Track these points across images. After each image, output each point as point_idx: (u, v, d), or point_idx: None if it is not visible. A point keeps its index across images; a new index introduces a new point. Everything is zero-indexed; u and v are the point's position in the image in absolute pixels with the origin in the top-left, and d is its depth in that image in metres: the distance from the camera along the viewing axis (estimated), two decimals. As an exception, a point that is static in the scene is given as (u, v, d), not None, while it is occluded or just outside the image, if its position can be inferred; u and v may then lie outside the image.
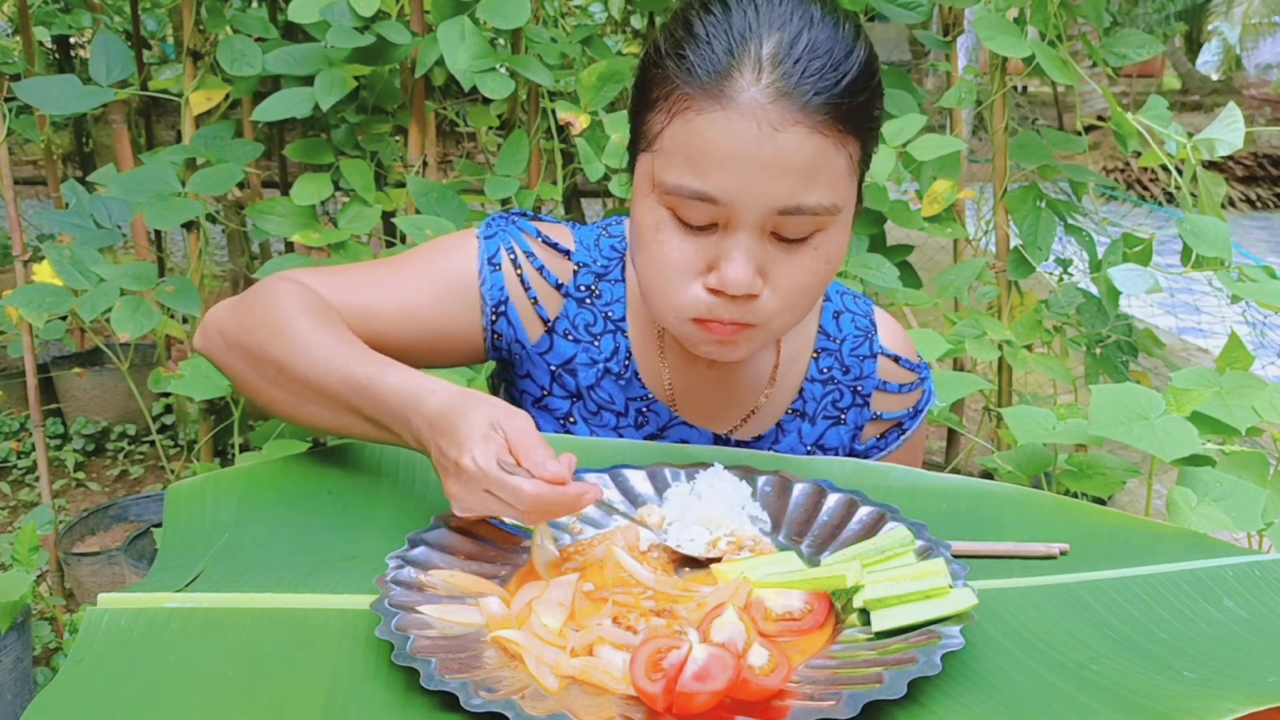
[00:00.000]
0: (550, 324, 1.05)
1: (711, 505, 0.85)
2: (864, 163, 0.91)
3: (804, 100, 0.82)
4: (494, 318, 1.03)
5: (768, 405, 1.09)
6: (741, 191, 0.83)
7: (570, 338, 1.05)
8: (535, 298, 1.04)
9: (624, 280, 1.06)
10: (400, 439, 0.84)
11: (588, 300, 1.05)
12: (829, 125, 0.84)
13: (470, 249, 1.03)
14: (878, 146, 0.94)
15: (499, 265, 1.03)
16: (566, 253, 1.06)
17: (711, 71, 0.84)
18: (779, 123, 0.82)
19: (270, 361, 0.90)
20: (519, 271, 1.03)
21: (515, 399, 1.10)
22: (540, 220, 1.09)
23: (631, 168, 0.94)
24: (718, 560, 0.82)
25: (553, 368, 1.06)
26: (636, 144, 0.92)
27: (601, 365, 1.05)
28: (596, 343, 1.05)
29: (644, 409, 1.06)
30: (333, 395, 0.87)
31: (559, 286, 1.05)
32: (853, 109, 0.85)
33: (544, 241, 1.05)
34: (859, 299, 1.15)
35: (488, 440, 0.75)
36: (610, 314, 1.06)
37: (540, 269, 1.04)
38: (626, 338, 1.06)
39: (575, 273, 1.05)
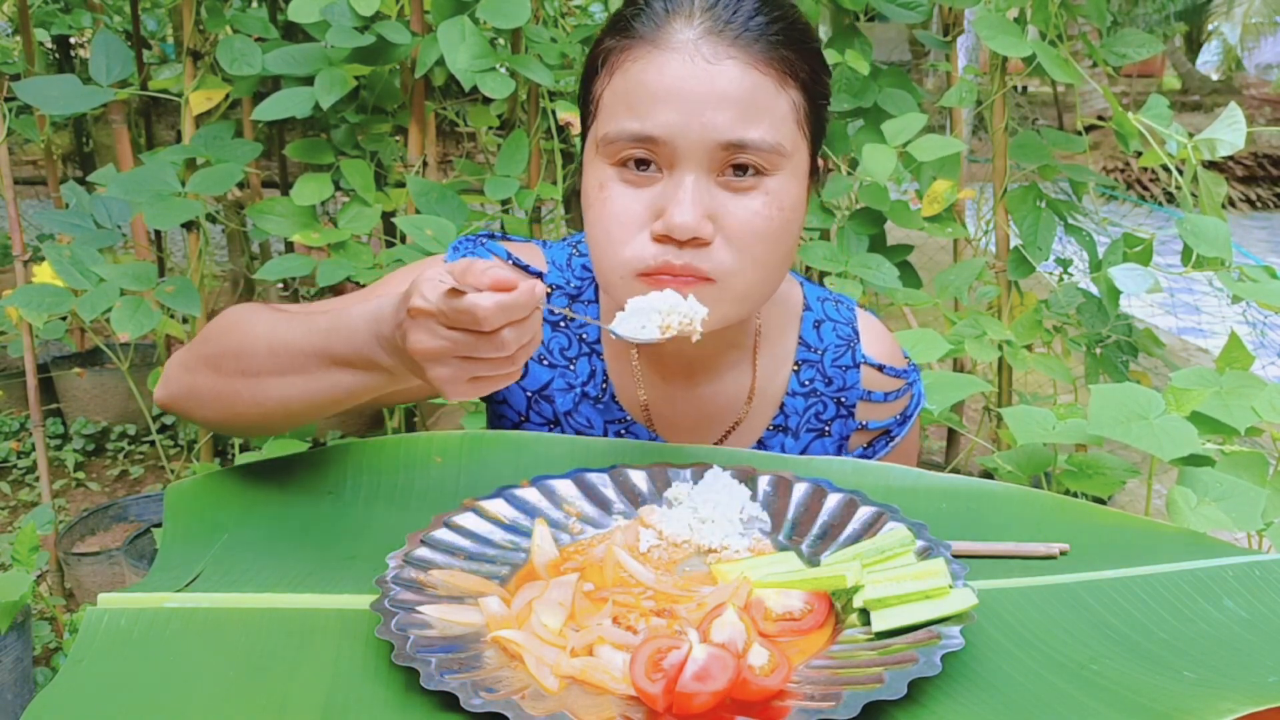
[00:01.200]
0: None
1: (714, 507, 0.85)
2: (814, 124, 0.92)
3: (735, 34, 0.86)
4: None
5: (748, 421, 1.07)
6: (681, 126, 0.85)
7: (545, 363, 1.04)
8: None
9: (598, 301, 1.05)
10: (375, 361, 0.80)
11: (562, 323, 1.04)
12: (764, 63, 0.86)
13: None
14: (828, 106, 0.95)
15: None
16: (538, 275, 1.04)
17: (649, 24, 0.88)
18: (712, 56, 0.85)
19: (230, 355, 0.88)
20: None
21: (494, 420, 1.09)
22: (510, 240, 1.07)
23: (583, 139, 0.95)
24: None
25: (529, 393, 1.04)
26: (585, 120, 0.94)
27: (579, 389, 1.04)
28: (572, 366, 1.04)
29: (622, 431, 1.05)
30: (300, 355, 0.83)
31: None
32: (789, 55, 0.88)
33: (515, 264, 1.04)
34: (841, 304, 1.12)
35: (433, 280, 0.73)
36: (585, 336, 1.04)
37: None
38: (602, 360, 1.04)
39: (548, 295, 1.04)
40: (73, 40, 4.85)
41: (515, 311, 0.72)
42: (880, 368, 1.10)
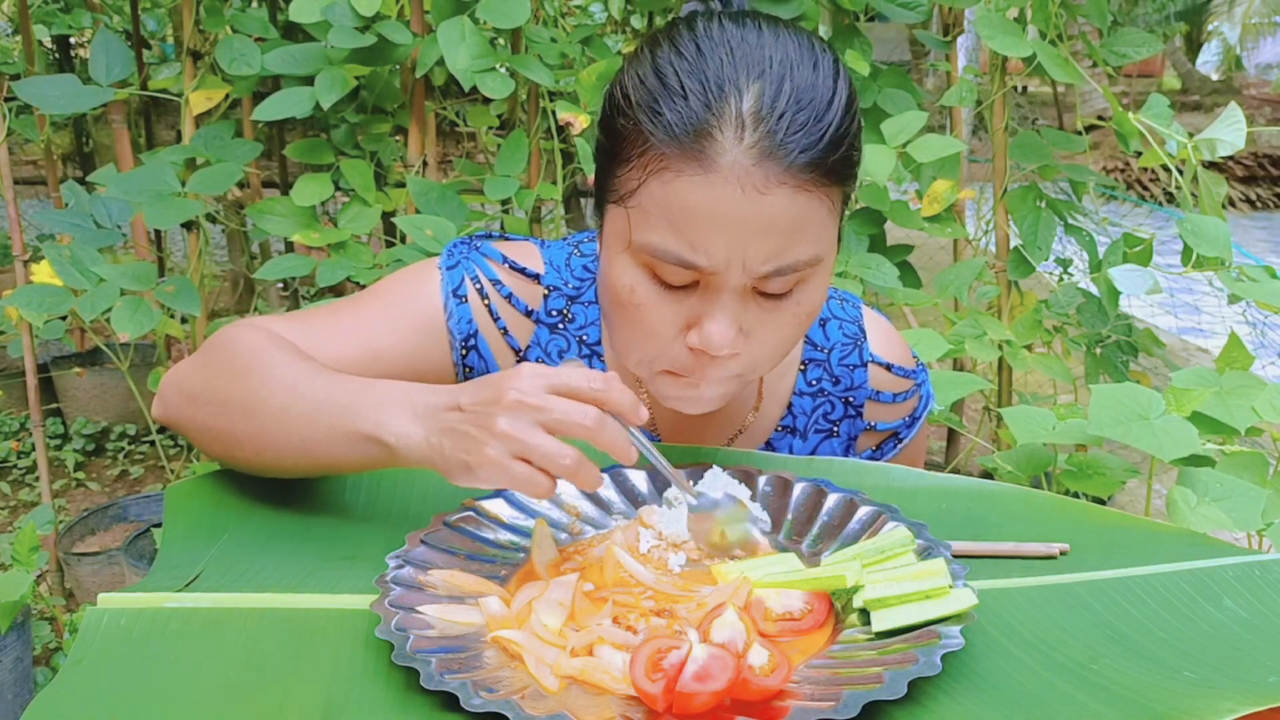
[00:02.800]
0: (522, 354, 1.01)
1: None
2: (845, 202, 0.87)
3: (789, 160, 0.78)
4: (464, 352, 0.99)
5: (755, 424, 1.06)
6: (726, 256, 0.80)
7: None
8: (505, 328, 1.00)
9: (597, 302, 1.02)
10: (384, 445, 0.78)
11: (560, 325, 1.01)
12: (814, 182, 0.80)
13: (433, 282, 0.99)
14: (856, 185, 0.91)
15: (464, 297, 0.99)
16: (535, 276, 1.01)
17: (689, 130, 0.78)
18: (764, 185, 0.78)
19: (237, 400, 0.85)
20: (486, 302, 0.99)
21: None
22: (506, 240, 1.04)
23: (600, 212, 0.89)
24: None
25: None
26: (605, 193, 0.87)
27: None
28: None
29: None
30: (310, 415, 0.81)
31: (529, 313, 1.01)
32: (837, 161, 0.81)
33: (510, 267, 1.01)
34: (847, 303, 1.10)
35: (531, 375, 0.73)
36: (585, 338, 1.02)
37: (508, 297, 1.00)
38: (602, 362, 1.02)
39: (545, 297, 1.01)
40: (73, 40, 4.85)
41: (622, 399, 0.74)
42: (888, 367, 1.08)
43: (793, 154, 0.78)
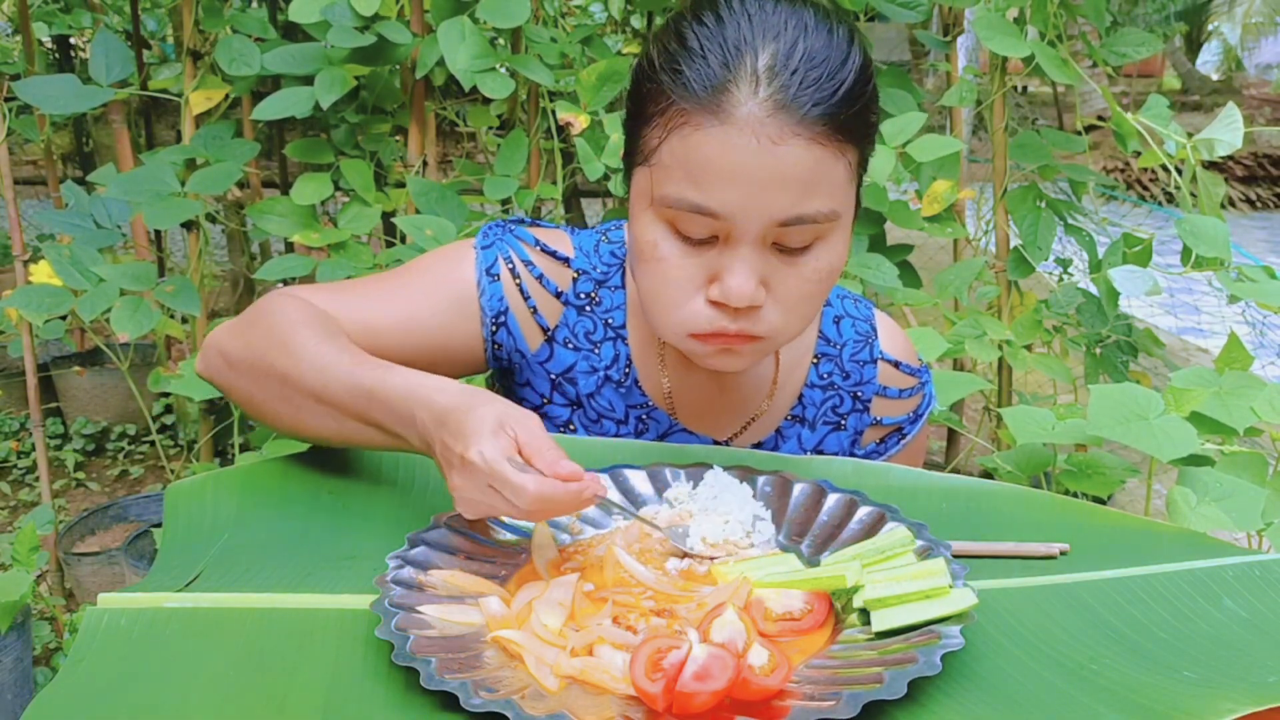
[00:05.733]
0: (550, 333, 1.04)
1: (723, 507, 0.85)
2: (862, 166, 0.90)
3: (802, 112, 0.82)
4: (494, 328, 1.02)
5: (768, 411, 1.09)
6: (742, 205, 0.83)
7: (570, 346, 1.05)
8: (535, 307, 1.03)
9: (624, 287, 1.06)
10: (405, 441, 0.83)
11: (587, 308, 1.05)
12: (827, 135, 0.83)
13: (468, 260, 1.03)
14: (874, 148, 0.94)
15: (497, 275, 1.02)
16: (565, 260, 1.05)
17: (707, 86, 0.83)
18: (777, 136, 0.82)
19: (275, 375, 0.90)
20: (518, 281, 1.03)
21: (517, 403, 1.10)
22: (538, 226, 1.08)
23: (628, 180, 0.93)
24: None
25: (553, 376, 1.05)
26: (632, 157, 0.91)
27: (602, 373, 1.05)
28: (596, 350, 1.05)
29: (644, 416, 1.06)
30: (338, 403, 0.86)
31: (558, 294, 1.04)
32: (850, 118, 0.84)
33: (542, 250, 1.05)
34: (860, 303, 1.14)
35: (496, 435, 0.75)
36: (610, 321, 1.05)
37: (539, 277, 1.04)
38: (627, 345, 1.05)
39: (575, 280, 1.05)
40: (73, 40, 4.85)
41: (557, 508, 0.75)
42: (896, 364, 1.12)
43: (805, 107, 0.82)
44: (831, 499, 0.87)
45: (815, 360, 1.10)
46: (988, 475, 1.69)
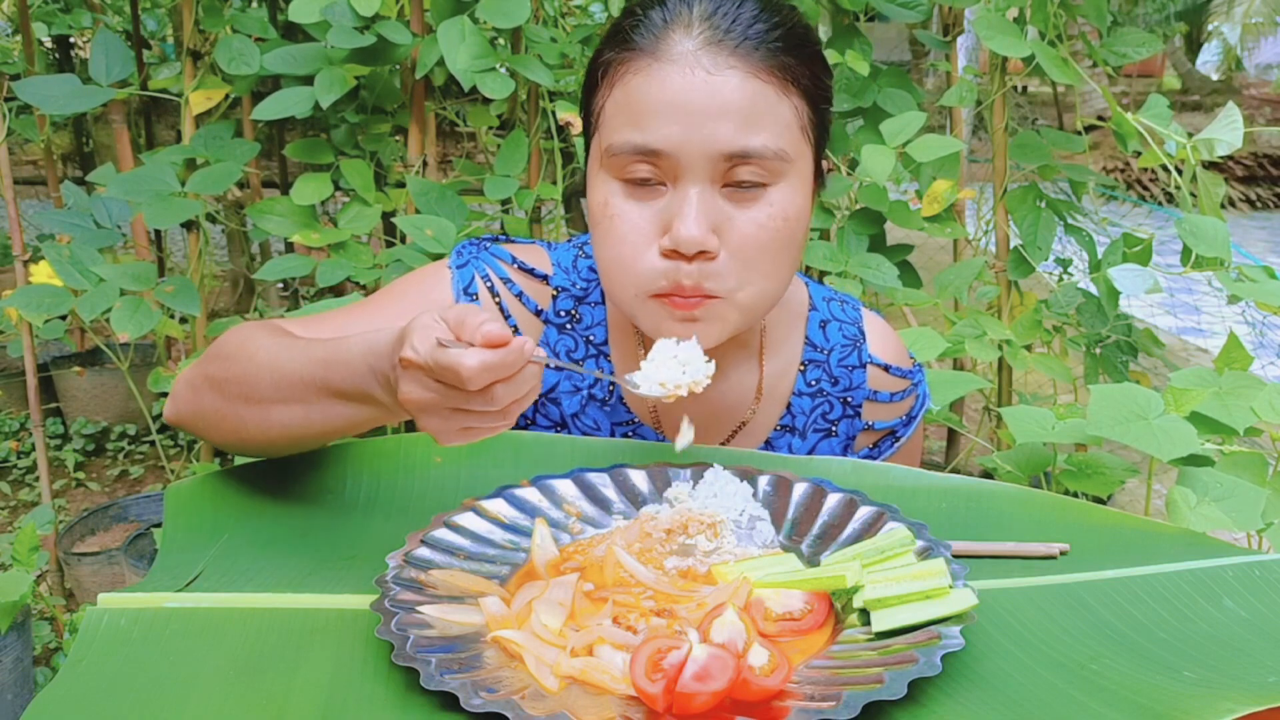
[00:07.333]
0: None
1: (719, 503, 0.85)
2: (818, 129, 0.91)
3: (735, 44, 0.85)
4: None
5: (755, 422, 1.07)
6: (683, 139, 0.84)
7: (552, 365, 1.04)
8: (515, 326, 1.02)
9: (604, 303, 1.05)
10: (372, 400, 0.79)
11: (568, 325, 1.04)
12: (765, 71, 0.85)
13: (444, 281, 1.02)
14: (831, 113, 0.95)
15: (475, 295, 1.01)
16: (544, 277, 1.04)
17: (647, 35, 0.87)
18: (713, 66, 0.84)
19: (234, 379, 0.88)
20: (497, 300, 1.02)
21: None
22: (514, 243, 1.07)
23: (586, 157, 0.94)
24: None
25: (536, 398, 1.04)
26: (587, 137, 0.93)
27: (585, 391, 1.04)
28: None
29: (629, 433, 1.06)
30: (298, 382, 0.83)
31: (539, 313, 1.03)
32: (790, 61, 0.87)
33: (520, 268, 1.04)
34: (847, 305, 1.13)
35: (426, 329, 0.71)
36: (592, 338, 1.04)
37: (519, 295, 1.02)
38: (609, 361, 1.04)
39: (554, 298, 1.04)
40: (73, 40, 4.85)
41: (501, 370, 0.70)
42: (886, 368, 1.10)
43: (739, 40, 0.85)
44: (832, 499, 0.87)
45: (802, 368, 1.08)
46: (988, 475, 1.69)
